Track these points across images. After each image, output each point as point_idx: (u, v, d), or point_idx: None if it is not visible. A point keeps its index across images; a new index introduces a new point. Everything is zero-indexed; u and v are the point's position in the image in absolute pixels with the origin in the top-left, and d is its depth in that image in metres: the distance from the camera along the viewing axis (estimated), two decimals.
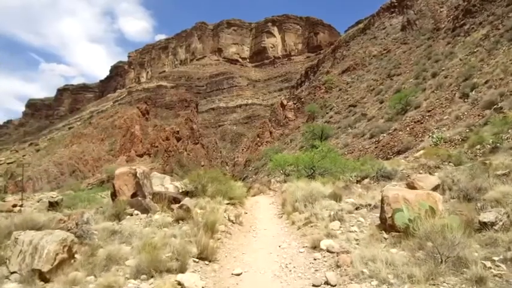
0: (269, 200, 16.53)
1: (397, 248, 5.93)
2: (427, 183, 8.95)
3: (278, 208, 13.55)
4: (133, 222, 8.49)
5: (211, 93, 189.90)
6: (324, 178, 14.41)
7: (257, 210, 13.69)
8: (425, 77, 46.14)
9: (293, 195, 11.29)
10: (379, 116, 43.10)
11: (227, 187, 13.61)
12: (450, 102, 30.22)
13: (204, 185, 12.98)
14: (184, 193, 12.19)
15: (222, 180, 14.25)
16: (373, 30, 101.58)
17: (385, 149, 28.78)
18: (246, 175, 69.31)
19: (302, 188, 11.58)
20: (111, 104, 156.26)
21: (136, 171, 10.00)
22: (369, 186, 11.70)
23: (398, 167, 13.91)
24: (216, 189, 12.90)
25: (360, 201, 9.63)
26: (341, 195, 10.26)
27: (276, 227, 10.09)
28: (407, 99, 37.47)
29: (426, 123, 28.49)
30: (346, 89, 73.90)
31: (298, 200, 10.39)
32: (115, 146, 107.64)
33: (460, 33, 55.35)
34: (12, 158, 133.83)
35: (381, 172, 12.77)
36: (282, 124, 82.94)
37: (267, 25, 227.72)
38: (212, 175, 14.02)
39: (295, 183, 13.70)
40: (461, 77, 34.83)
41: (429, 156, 14.99)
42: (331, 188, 11.57)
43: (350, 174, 14.84)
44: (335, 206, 9.39)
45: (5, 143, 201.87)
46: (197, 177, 13.25)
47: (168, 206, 9.41)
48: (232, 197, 13.37)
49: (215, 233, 8.25)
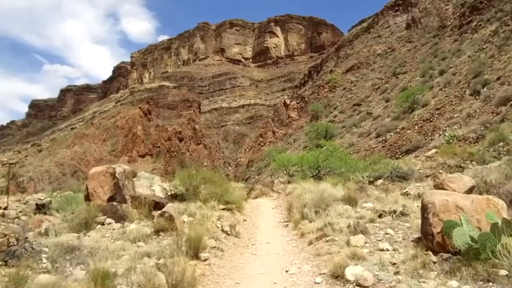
0: (272, 204, 14.88)
1: (456, 279, 4.25)
2: (459, 185, 7.70)
3: (283, 214, 11.86)
4: (103, 234, 7.07)
5: (214, 94, 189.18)
6: (332, 179, 13.33)
7: (258, 217, 12.17)
8: (432, 75, 45.07)
9: (301, 199, 9.83)
10: (385, 115, 42.00)
11: (223, 189, 12.11)
12: (460, 100, 29.09)
13: (195, 186, 11.44)
14: (173, 196, 10.79)
15: (217, 182, 12.70)
16: (377, 29, 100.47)
17: (393, 148, 27.69)
18: (248, 176, 68.34)
19: (310, 190, 10.11)
20: (113, 105, 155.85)
21: (115, 171, 8.56)
22: (388, 187, 10.47)
23: (414, 166, 12.83)
24: (210, 191, 11.43)
25: (380, 206, 8.35)
26: (356, 198, 8.97)
27: (282, 240, 8.52)
28: (414, 97, 36.38)
29: (436, 122, 27.37)
30: (350, 88, 72.78)
31: (307, 204, 8.89)
32: (117, 146, 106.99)
33: (467, 31, 54.31)
34: (15, 159, 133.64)
35: (395, 172, 11.69)
36: (285, 124, 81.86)
37: (270, 25, 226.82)
38: (206, 175, 12.52)
39: (301, 184, 12.56)
40: (470, 74, 33.74)
41: (445, 154, 13.93)
42: (342, 190, 10.34)
43: (361, 175, 13.68)
44: (351, 212, 8.09)
45: (8, 144, 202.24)
46: (188, 177, 11.63)
47: (148, 213, 8.00)
48: (229, 200, 11.82)
49: (201, 250, 6.48)
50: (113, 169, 8.63)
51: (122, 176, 8.75)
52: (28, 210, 12.82)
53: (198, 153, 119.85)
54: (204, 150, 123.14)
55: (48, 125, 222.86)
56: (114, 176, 8.56)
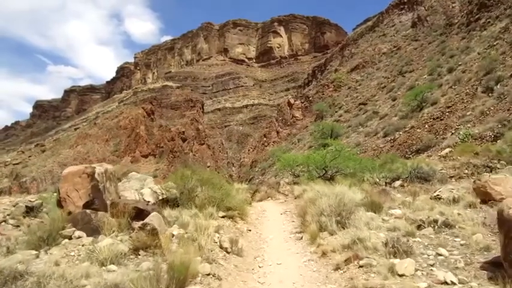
0: (279, 208, 13.12)
1: None
2: (507, 188, 6.52)
3: (294, 222, 10.19)
4: (67, 252, 5.45)
5: (217, 94, 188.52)
6: (345, 180, 12.34)
7: (265, 225, 10.54)
8: (440, 72, 44.04)
9: (316, 205, 8.15)
10: (392, 114, 41.00)
11: (223, 193, 10.33)
12: (472, 97, 28.05)
13: (190, 190, 9.81)
14: (164, 201, 9.15)
15: (217, 184, 10.88)
16: (382, 28, 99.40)
17: (402, 147, 26.72)
18: (252, 176, 67.47)
19: (325, 194, 8.60)
20: (116, 105, 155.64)
21: (94, 171, 7.11)
22: (415, 190, 9.32)
23: (435, 166, 11.87)
24: (208, 196, 9.77)
25: (411, 214, 7.05)
26: (381, 203, 7.71)
27: (297, 261, 6.78)
28: (423, 95, 35.40)
29: (447, 120, 26.36)
30: (355, 87, 71.74)
31: (325, 211, 7.40)
32: (120, 146, 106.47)
33: (476, 28, 53.29)
34: (18, 159, 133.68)
35: (415, 172, 10.72)
36: (289, 123, 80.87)
37: (273, 25, 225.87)
38: (203, 176, 10.70)
39: (312, 186, 11.56)
40: (481, 71, 32.73)
41: (464, 153, 12.99)
42: (360, 192, 9.12)
43: (377, 175, 12.63)
44: (378, 221, 6.73)
45: (12, 144, 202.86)
46: (181, 178, 9.95)
47: (129, 224, 6.39)
48: (231, 206, 10.14)
49: (190, 281, 4.88)
50: (91, 169, 7.21)
51: (102, 177, 7.34)
52: (17, 213, 11.96)
53: (202, 153, 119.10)
54: (207, 150, 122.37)
55: (52, 125, 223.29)
56: (93, 177, 7.13)
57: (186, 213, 8.50)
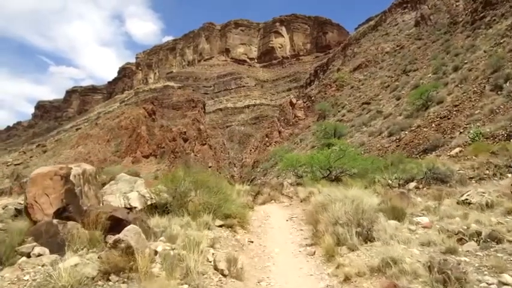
0: (285, 213, 11.83)
1: None
2: None
3: (302, 231, 8.85)
4: (20, 276, 4.20)
5: (219, 94, 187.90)
6: (354, 181, 11.57)
7: (269, 235, 9.11)
8: (445, 71, 43.32)
9: (329, 212, 6.96)
10: (397, 113, 40.26)
11: (221, 198, 8.92)
12: (480, 96, 27.32)
13: (183, 194, 8.48)
14: (153, 207, 7.97)
15: (214, 187, 9.38)
16: (385, 27, 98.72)
17: (408, 147, 25.99)
18: (254, 176, 66.80)
19: (337, 198, 7.53)
20: (117, 105, 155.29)
21: (69, 172, 6.00)
22: (441, 194, 8.35)
23: (452, 166, 11.11)
24: (203, 201, 8.43)
25: (440, 222, 6.03)
26: (403, 210, 6.67)
27: (312, 287, 5.47)
28: (428, 94, 34.68)
29: (454, 119, 25.63)
30: (358, 86, 70.98)
31: (340, 219, 6.25)
32: (121, 147, 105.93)
33: (481, 26, 52.63)
34: (20, 160, 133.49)
35: (430, 173, 9.95)
36: (292, 123, 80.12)
37: (275, 25, 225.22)
38: (198, 178, 9.22)
39: (319, 187, 10.78)
40: (489, 69, 32.06)
41: (479, 153, 12.27)
42: (375, 195, 8.06)
43: (389, 176, 11.77)
44: (404, 231, 5.74)
45: (14, 145, 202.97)
46: (171, 181, 8.68)
47: (104, 237, 5.21)
48: (230, 213, 8.74)
49: None
50: (66, 169, 6.06)
51: (79, 180, 6.20)
52: (6, 216, 11.28)
53: (203, 153, 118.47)
54: (209, 150, 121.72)
55: (54, 125, 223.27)
56: (67, 180, 5.93)
57: (177, 222, 7.31)
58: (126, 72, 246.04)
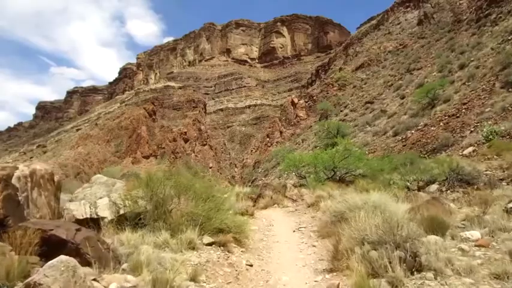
0: (290, 220, 10.16)
1: None
2: None
3: (316, 248, 7.10)
4: None
5: (220, 94, 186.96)
6: (367, 182, 10.52)
7: (274, 253, 7.30)
8: (451, 69, 42.40)
9: (351, 224, 5.32)
10: (402, 112, 39.27)
11: (211, 207, 6.94)
12: (490, 93, 26.33)
13: (162, 201, 6.48)
14: (125, 218, 6.24)
15: (202, 193, 7.31)
16: (387, 26, 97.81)
17: (415, 147, 24.99)
18: (255, 177, 65.85)
19: (356, 205, 6.19)
20: (118, 105, 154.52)
21: (11, 173, 4.59)
22: (486, 199, 6.89)
23: (478, 166, 10.06)
24: (188, 212, 6.51)
25: (491, 235, 4.74)
26: (446, 222, 5.22)
27: None
28: (434, 92, 33.69)
29: (464, 117, 24.62)
30: (360, 85, 70.01)
31: (369, 236, 4.66)
32: (121, 147, 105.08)
33: (486, 23, 51.91)
34: (20, 160, 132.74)
35: (454, 174, 8.85)
36: (293, 123, 79.10)
37: (276, 25, 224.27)
38: (181, 181, 7.24)
39: (328, 190, 9.69)
40: (497, 66, 31.07)
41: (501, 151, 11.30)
42: (397, 200, 6.65)
43: (408, 178, 10.58)
44: (456, 252, 4.38)
45: (14, 145, 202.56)
46: (147, 185, 6.61)
47: (26, 265, 3.46)
48: (222, 227, 6.86)
49: None
50: (9, 170, 4.62)
51: (25, 184, 4.78)
52: None
53: (204, 154, 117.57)
54: (209, 151, 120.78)
55: (55, 126, 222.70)
56: (8, 184, 4.47)
57: (151, 240, 5.60)
58: (126, 72, 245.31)
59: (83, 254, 3.37)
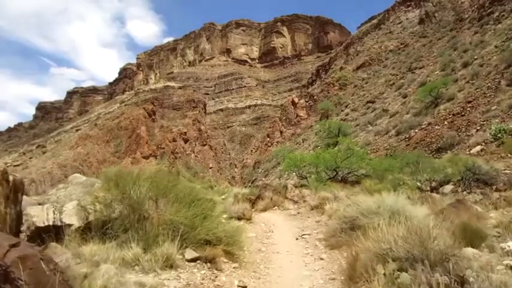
0: (292, 225, 9.03)
1: None
2: None
3: (324, 261, 5.92)
4: None
5: (220, 94, 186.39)
6: (374, 184, 9.84)
7: (273, 268, 6.11)
8: (454, 67, 41.81)
9: (369, 235, 4.31)
10: (404, 111, 38.64)
11: (196, 213, 5.58)
12: (495, 91, 25.71)
13: (135, 206, 5.19)
14: (90, 226, 5.05)
15: (184, 196, 5.85)
16: (388, 25, 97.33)
17: (419, 146, 24.36)
18: (255, 178, 65.26)
19: (369, 209, 5.24)
20: (117, 106, 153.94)
21: None
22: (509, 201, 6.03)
23: (495, 165, 9.37)
24: (167, 219, 5.17)
25: None
26: (482, 231, 4.29)
27: None
28: (438, 90, 33.09)
29: (469, 116, 24.00)
30: (362, 85, 69.39)
31: (394, 250, 3.60)
32: (120, 147, 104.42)
33: (489, 22, 51.43)
34: (19, 161, 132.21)
35: (470, 173, 8.11)
36: (294, 123, 78.46)
37: (276, 25, 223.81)
38: (159, 182, 5.78)
39: (334, 191, 8.99)
40: (502, 63, 30.51)
41: None
42: (413, 203, 5.73)
43: (420, 178, 9.79)
44: (503, 270, 3.33)
45: (14, 146, 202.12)
46: (116, 185, 5.38)
47: None
48: (211, 238, 5.53)
49: None
50: None
51: None
52: None
53: (204, 154, 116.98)
54: (209, 151, 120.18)
55: (55, 126, 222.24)
56: None
57: (119, 255, 4.44)
58: (126, 73, 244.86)
59: (14, 280, 2.42)
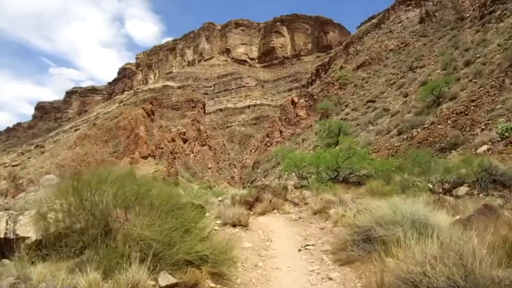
0: (294, 232, 7.92)
1: None
2: None
3: (332, 278, 4.79)
4: None
5: (219, 94, 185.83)
6: (381, 185, 9.18)
7: None
8: (456, 66, 41.35)
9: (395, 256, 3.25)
10: (405, 111, 38.11)
11: (173, 226, 4.18)
12: (499, 90, 25.18)
13: (97, 216, 3.93)
14: (50, 239, 3.72)
15: (162, 203, 4.43)
16: (388, 25, 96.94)
17: (422, 146, 23.80)
18: (254, 178, 64.72)
19: (385, 216, 4.37)
20: (116, 105, 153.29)
21: None
22: None
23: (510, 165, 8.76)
24: (137, 234, 3.81)
25: None
26: None
27: None
28: (440, 89, 32.57)
29: (473, 115, 23.45)
30: (362, 84, 68.88)
31: (432, 281, 2.51)
32: (119, 147, 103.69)
33: (491, 20, 51.07)
34: (18, 161, 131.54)
35: (486, 174, 7.42)
36: (293, 123, 77.89)
37: (276, 25, 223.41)
38: (129, 185, 4.41)
39: (339, 194, 8.36)
40: (505, 62, 30.04)
41: None
42: (431, 208, 4.87)
43: (431, 179, 9.07)
44: None
45: (13, 146, 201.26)
46: (72, 190, 4.07)
47: None
48: (192, 259, 4.12)
49: None
50: None
51: None
52: None
53: (203, 154, 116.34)
54: (208, 151, 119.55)
55: (54, 126, 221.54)
56: None
57: (69, 283, 3.26)
58: (126, 72, 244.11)
59: None
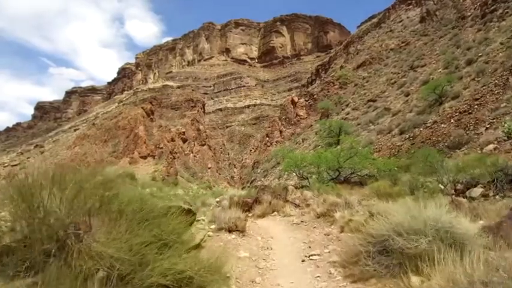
0: (295, 237, 7.27)
1: None
2: None
3: None
4: None
5: (219, 94, 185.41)
6: (389, 187, 8.65)
7: None
8: (457, 65, 40.95)
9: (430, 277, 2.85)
10: (407, 110, 37.69)
11: (147, 241, 2.96)
12: (503, 88, 24.77)
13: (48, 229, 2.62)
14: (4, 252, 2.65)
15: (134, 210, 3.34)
16: (388, 24, 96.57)
17: (425, 145, 23.37)
18: (254, 178, 64.28)
19: (402, 223, 3.65)
20: (116, 105, 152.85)
21: None
22: None
23: None
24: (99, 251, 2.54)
25: None
26: None
27: None
28: (442, 88, 32.16)
29: (477, 113, 23.02)
30: (362, 84, 68.48)
31: None
32: (118, 147, 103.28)
33: (493, 19, 50.72)
34: (17, 160, 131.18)
35: (502, 175, 6.93)
36: (293, 123, 77.44)
37: (276, 24, 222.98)
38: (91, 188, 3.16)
39: (346, 196, 7.87)
40: (509, 60, 29.67)
41: None
42: (451, 212, 4.18)
43: (443, 180, 8.56)
44: None
45: (12, 145, 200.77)
46: (21, 196, 2.79)
47: None
48: (170, 283, 2.79)
49: None
50: None
51: None
52: None
53: (203, 154, 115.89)
54: (208, 151, 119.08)
55: (53, 126, 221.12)
56: None
57: None
58: (125, 72, 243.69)
59: None
